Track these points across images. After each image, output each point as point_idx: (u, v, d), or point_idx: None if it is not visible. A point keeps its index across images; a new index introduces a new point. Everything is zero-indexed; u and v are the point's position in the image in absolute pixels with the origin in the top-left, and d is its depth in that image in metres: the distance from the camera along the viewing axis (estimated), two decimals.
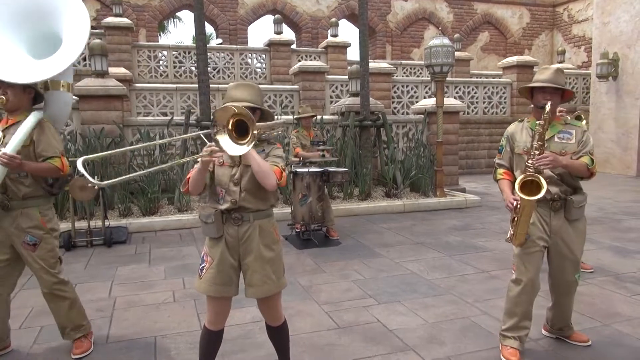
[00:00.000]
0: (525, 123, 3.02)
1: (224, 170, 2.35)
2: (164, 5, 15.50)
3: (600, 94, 12.89)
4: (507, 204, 2.85)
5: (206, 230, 2.36)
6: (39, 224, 2.94)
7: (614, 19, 12.65)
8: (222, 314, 2.45)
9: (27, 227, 2.89)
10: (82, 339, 3.12)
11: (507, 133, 3.07)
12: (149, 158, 7.43)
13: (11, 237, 2.90)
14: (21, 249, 2.91)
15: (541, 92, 2.86)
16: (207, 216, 2.33)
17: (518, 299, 2.94)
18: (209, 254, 2.37)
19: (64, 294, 3.06)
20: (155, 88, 10.38)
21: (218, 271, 2.34)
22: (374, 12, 16.92)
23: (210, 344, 2.48)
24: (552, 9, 19.27)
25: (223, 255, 2.35)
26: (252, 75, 13.22)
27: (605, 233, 6.15)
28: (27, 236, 2.89)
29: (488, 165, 13.21)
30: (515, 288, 2.96)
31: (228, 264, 2.36)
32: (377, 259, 5.12)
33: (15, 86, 2.89)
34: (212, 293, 2.36)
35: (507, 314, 3.00)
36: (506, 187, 2.98)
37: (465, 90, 13.05)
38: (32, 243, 2.91)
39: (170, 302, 3.98)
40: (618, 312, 3.66)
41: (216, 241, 2.35)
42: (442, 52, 8.08)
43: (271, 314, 2.51)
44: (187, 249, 5.64)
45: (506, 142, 3.05)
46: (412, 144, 9.15)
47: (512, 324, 2.97)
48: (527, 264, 2.91)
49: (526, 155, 2.83)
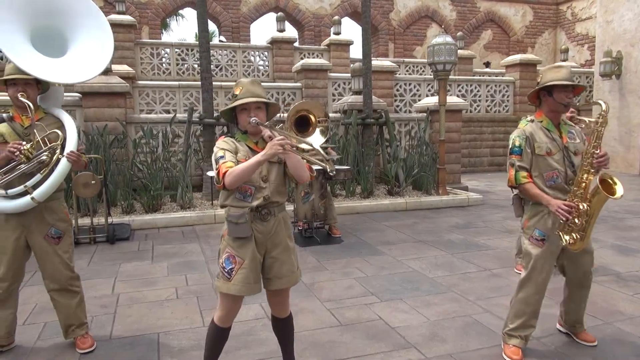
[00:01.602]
0: (538, 123, 2.93)
1: None
2: (167, 3, 15.50)
3: (603, 93, 12.86)
4: (559, 210, 2.67)
5: (237, 231, 2.31)
6: (63, 217, 2.99)
7: (617, 17, 12.60)
8: (235, 312, 2.47)
9: (52, 220, 2.93)
10: (85, 335, 3.14)
11: (525, 133, 2.89)
12: (152, 155, 7.45)
13: (30, 231, 2.89)
14: (42, 242, 2.92)
15: (564, 91, 2.82)
16: (238, 216, 2.30)
17: (531, 299, 2.92)
18: (237, 255, 2.33)
19: (77, 289, 3.11)
20: (158, 85, 10.39)
21: (251, 270, 2.34)
22: (376, 9, 16.89)
23: (219, 340, 2.50)
24: (555, 7, 19.21)
25: (254, 253, 2.35)
26: (254, 73, 13.23)
27: (608, 232, 6.14)
28: (51, 229, 2.92)
29: (490, 163, 13.20)
30: (528, 288, 2.92)
31: (257, 261, 2.38)
32: (379, 257, 5.13)
33: (32, 83, 2.91)
34: (246, 293, 2.35)
35: (516, 314, 2.96)
36: (538, 191, 2.82)
37: (468, 89, 13.03)
38: (56, 236, 2.94)
39: (173, 298, 4.00)
40: (620, 310, 3.67)
41: (245, 240, 2.33)
42: (445, 50, 8.07)
43: (284, 304, 2.54)
44: (190, 246, 5.66)
45: (525, 142, 2.87)
46: (415, 142, 9.14)
47: (519, 323, 2.94)
48: (546, 263, 2.90)
49: (548, 157, 2.81)
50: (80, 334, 3.11)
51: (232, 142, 2.37)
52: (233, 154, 2.31)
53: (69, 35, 3.17)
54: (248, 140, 2.41)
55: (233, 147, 2.35)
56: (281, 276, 2.42)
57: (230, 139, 2.39)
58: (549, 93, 2.86)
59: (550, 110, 2.90)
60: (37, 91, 2.98)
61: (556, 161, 2.84)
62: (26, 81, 2.88)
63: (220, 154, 2.29)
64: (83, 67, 3.14)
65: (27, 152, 2.75)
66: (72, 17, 3.17)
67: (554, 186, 2.84)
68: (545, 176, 2.85)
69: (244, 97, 2.31)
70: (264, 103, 2.37)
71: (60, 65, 3.07)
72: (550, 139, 2.86)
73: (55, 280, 3.01)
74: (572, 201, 2.74)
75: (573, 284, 3.05)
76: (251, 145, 2.40)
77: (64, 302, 3.07)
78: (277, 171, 2.39)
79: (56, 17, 3.13)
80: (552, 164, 2.83)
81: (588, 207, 2.73)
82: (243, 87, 2.34)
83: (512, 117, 13.26)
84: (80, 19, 3.18)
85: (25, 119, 2.90)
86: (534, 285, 2.91)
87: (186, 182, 7.40)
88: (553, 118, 2.92)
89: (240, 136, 2.44)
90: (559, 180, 2.84)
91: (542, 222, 2.88)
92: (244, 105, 2.33)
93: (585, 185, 2.75)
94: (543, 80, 2.87)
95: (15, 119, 2.90)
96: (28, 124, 2.89)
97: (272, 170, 2.38)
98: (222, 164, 2.25)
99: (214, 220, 6.90)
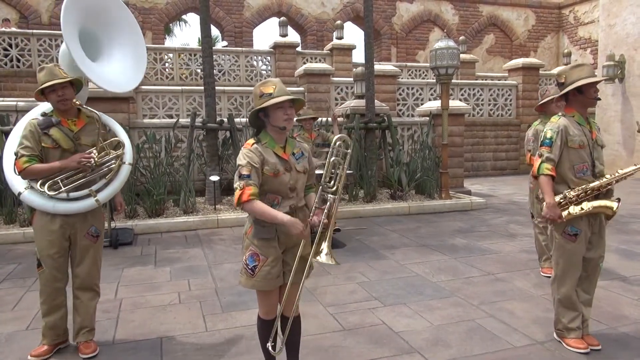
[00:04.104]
0: (570, 118, 3.05)
1: (281, 179, 2.42)
2: (170, 8, 15.59)
3: (606, 96, 12.83)
4: (550, 212, 2.92)
5: (262, 232, 2.43)
6: (101, 218, 3.21)
7: (620, 21, 12.59)
8: (275, 304, 2.60)
9: (93, 220, 3.11)
10: (90, 341, 3.14)
11: (559, 126, 2.99)
12: (155, 160, 7.46)
13: (75, 229, 3.04)
14: (84, 239, 3.08)
15: (592, 87, 2.98)
16: (264, 220, 2.39)
17: (571, 291, 3.08)
18: (261, 254, 2.45)
19: (98, 290, 3.23)
20: (161, 90, 10.42)
21: (272, 267, 2.46)
22: (379, 14, 16.93)
23: (268, 329, 2.63)
24: (557, 11, 19.23)
25: (277, 251, 2.48)
26: (257, 78, 13.26)
27: (612, 236, 6.11)
28: (92, 228, 3.10)
29: (493, 167, 13.18)
30: (568, 282, 3.07)
31: (280, 258, 2.50)
32: (382, 261, 5.12)
33: (68, 86, 3.01)
34: (268, 287, 2.49)
35: (566, 309, 3.09)
36: (550, 189, 2.97)
37: (470, 93, 13.03)
38: (95, 234, 3.13)
39: (176, 303, 3.99)
40: (625, 315, 3.64)
41: (269, 240, 2.45)
42: (448, 54, 8.07)
43: (295, 301, 2.58)
44: (193, 250, 5.66)
45: (557, 135, 2.97)
46: (418, 146, 9.13)
47: (572, 317, 3.08)
48: (580, 256, 3.06)
49: (581, 150, 2.96)
50: (88, 338, 3.14)
51: (259, 153, 2.39)
52: (259, 170, 2.36)
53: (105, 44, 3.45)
54: (276, 147, 2.45)
55: (260, 159, 2.38)
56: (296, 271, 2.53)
57: (258, 149, 2.41)
58: (579, 91, 3.00)
59: (582, 106, 3.06)
60: (74, 93, 3.06)
61: (587, 154, 3.00)
62: (63, 85, 2.96)
63: (246, 172, 2.32)
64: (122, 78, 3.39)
65: (95, 163, 3.00)
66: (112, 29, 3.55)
67: (583, 178, 3.00)
68: (576, 168, 3.00)
69: (280, 95, 2.38)
70: (292, 101, 2.44)
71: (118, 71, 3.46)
72: (581, 133, 3.00)
73: (88, 277, 3.12)
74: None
75: (587, 269, 3.13)
76: (279, 153, 2.45)
77: (86, 302, 3.13)
78: (303, 180, 2.54)
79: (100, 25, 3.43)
80: (583, 157, 3.00)
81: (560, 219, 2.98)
82: (276, 85, 2.41)
83: (514, 121, 13.25)
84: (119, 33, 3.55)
85: (72, 123, 3.03)
86: (572, 279, 3.06)
87: (189, 186, 7.41)
88: (584, 113, 3.07)
89: (267, 140, 2.46)
90: (588, 173, 3.00)
91: (576, 218, 2.99)
92: (279, 104, 2.38)
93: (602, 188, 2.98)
94: (570, 80, 3.00)
95: (62, 123, 3.00)
96: (76, 128, 3.03)
97: (299, 179, 2.50)
98: (245, 186, 2.30)
99: (216, 224, 6.90)
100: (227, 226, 6.92)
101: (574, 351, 3.03)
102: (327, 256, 2.37)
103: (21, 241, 6.02)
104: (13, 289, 4.35)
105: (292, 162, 2.46)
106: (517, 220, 7.22)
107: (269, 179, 2.39)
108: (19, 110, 7.58)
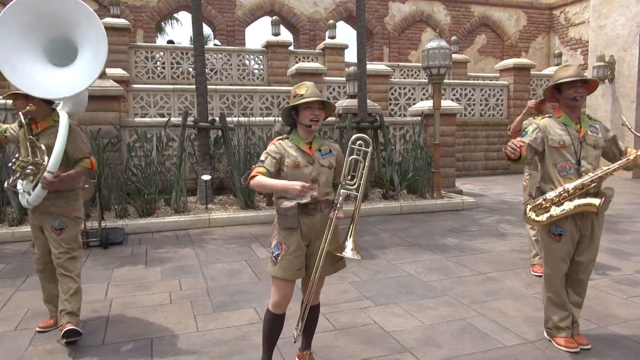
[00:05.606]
0: (556, 118, 3.08)
1: (302, 171, 2.57)
2: (162, 6, 15.50)
3: (596, 97, 12.94)
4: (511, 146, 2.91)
5: (285, 222, 2.56)
6: (65, 213, 3.31)
7: (610, 22, 12.71)
8: (288, 297, 2.65)
9: (58, 214, 3.28)
10: (52, 318, 3.46)
11: (539, 125, 3.06)
12: (146, 159, 7.41)
13: (42, 222, 3.31)
14: (49, 231, 3.28)
15: (572, 87, 2.96)
16: (287, 209, 2.54)
17: (560, 291, 3.10)
18: (284, 243, 2.58)
19: (73, 276, 3.32)
20: (152, 89, 10.36)
21: (295, 257, 2.57)
22: (371, 14, 16.94)
23: (276, 326, 2.69)
24: (549, 11, 19.35)
25: (299, 242, 2.58)
26: (249, 77, 13.22)
27: (602, 235, 6.12)
28: (55, 222, 3.28)
29: (485, 167, 13.24)
30: (554, 281, 3.10)
31: (302, 249, 2.61)
32: (374, 261, 5.12)
33: (21, 99, 3.19)
34: (289, 277, 2.58)
35: (557, 307, 3.11)
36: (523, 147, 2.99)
37: (462, 93, 13.08)
38: (59, 228, 3.29)
39: (167, 303, 3.97)
40: (614, 314, 3.67)
41: (292, 230, 2.57)
42: (440, 54, 8.10)
43: (316, 292, 2.70)
44: (184, 250, 5.63)
45: (536, 131, 3.04)
46: (410, 146, 9.16)
47: (561, 316, 3.10)
48: (565, 255, 3.08)
49: (562, 149, 2.97)
50: (54, 315, 3.45)
51: (282, 147, 2.60)
52: (276, 161, 2.56)
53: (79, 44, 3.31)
54: (301, 143, 2.63)
55: (281, 152, 2.58)
56: (333, 262, 2.65)
57: (282, 144, 2.62)
58: (559, 91, 3.04)
59: (565, 105, 3.06)
60: (43, 101, 3.19)
61: (570, 153, 3.00)
62: (25, 95, 3.12)
63: (263, 156, 2.58)
64: (79, 78, 3.23)
65: (21, 163, 3.15)
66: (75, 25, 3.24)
67: (567, 176, 3.00)
68: (558, 167, 3.02)
69: (310, 96, 2.56)
70: (323, 104, 2.63)
71: (64, 76, 3.21)
72: (564, 132, 3.01)
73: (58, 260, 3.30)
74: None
75: (578, 270, 3.14)
76: (303, 148, 2.62)
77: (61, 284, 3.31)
78: (327, 175, 2.64)
79: (65, 27, 3.25)
80: (565, 155, 3.00)
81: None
82: (308, 88, 2.61)
83: (506, 121, 13.30)
84: (80, 26, 3.25)
85: (35, 127, 3.24)
86: (558, 277, 3.09)
87: (180, 186, 7.37)
88: (570, 113, 3.06)
89: (295, 137, 2.65)
90: (572, 171, 3.00)
91: (561, 218, 3.00)
92: (309, 104, 2.56)
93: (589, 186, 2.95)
94: (553, 80, 3.04)
95: (32, 125, 3.25)
96: (37, 130, 3.24)
97: (322, 173, 2.62)
98: (258, 166, 2.55)
99: (208, 224, 6.87)
100: (219, 226, 6.90)
101: (564, 350, 3.05)
102: (353, 251, 2.50)
103: (10, 241, 5.96)
104: (2, 289, 4.30)
105: (316, 156, 2.62)
106: (508, 219, 7.26)
107: (290, 170, 2.56)
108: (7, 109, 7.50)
